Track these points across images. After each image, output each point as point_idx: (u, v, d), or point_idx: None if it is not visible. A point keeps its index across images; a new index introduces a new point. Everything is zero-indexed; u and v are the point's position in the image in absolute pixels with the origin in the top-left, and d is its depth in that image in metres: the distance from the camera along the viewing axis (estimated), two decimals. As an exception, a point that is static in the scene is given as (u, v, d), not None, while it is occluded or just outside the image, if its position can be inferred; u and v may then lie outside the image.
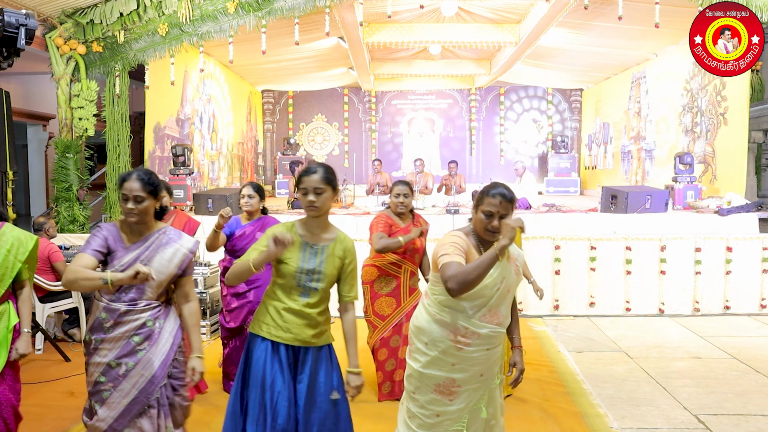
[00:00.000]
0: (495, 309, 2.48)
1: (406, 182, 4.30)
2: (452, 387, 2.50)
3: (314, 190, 2.55)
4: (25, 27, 4.26)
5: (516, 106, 15.43)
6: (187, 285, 2.76)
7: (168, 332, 2.66)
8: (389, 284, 4.28)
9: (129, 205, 2.59)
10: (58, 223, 7.45)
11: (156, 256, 2.64)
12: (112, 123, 7.79)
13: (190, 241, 2.74)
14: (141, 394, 2.57)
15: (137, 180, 2.59)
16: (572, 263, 6.81)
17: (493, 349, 2.52)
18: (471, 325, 2.46)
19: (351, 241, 2.72)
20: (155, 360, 2.60)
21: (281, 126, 15.47)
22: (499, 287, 2.46)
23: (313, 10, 7.23)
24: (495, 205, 2.43)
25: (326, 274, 2.61)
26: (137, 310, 2.60)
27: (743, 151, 8.20)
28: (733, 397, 4.39)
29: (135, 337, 2.60)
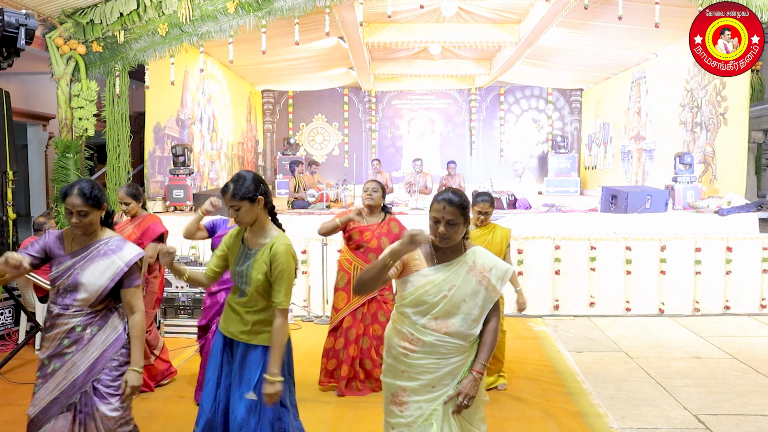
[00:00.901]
0: (443, 318, 2.42)
1: (377, 181, 4.54)
2: (403, 396, 2.47)
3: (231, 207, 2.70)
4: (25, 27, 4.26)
5: (516, 106, 15.43)
6: (128, 296, 2.76)
7: (101, 340, 2.70)
8: (342, 279, 4.51)
9: (73, 220, 2.66)
10: (58, 223, 7.44)
11: (89, 267, 2.68)
12: (112, 123, 7.79)
13: (130, 254, 2.73)
14: (62, 395, 2.65)
15: (79, 195, 2.64)
16: (572, 263, 6.81)
17: (444, 360, 2.43)
18: (415, 331, 2.45)
19: (284, 246, 2.71)
20: (80, 365, 2.66)
21: (281, 126, 15.47)
22: (446, 294, 2.41)
23: (313, 10, 7.23)
24: (440, 211, 2.40)
25: (251, 278, 2.72)
26: (68, 315, 2.68)
27: (743, 151, 8.20)
28: (733, 397, 4.39)
29: (65, 340, 2.68)
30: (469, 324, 2.44)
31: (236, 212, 2.69)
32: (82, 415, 2.65)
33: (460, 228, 2.42)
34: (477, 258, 2.48)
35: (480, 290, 2.44)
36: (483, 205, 4.34)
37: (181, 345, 5.71)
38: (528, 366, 5.09)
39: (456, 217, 2.39)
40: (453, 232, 2.40)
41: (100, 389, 2.67)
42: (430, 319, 2.43)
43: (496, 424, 3.92)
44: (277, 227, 2.83)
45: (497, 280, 2.45)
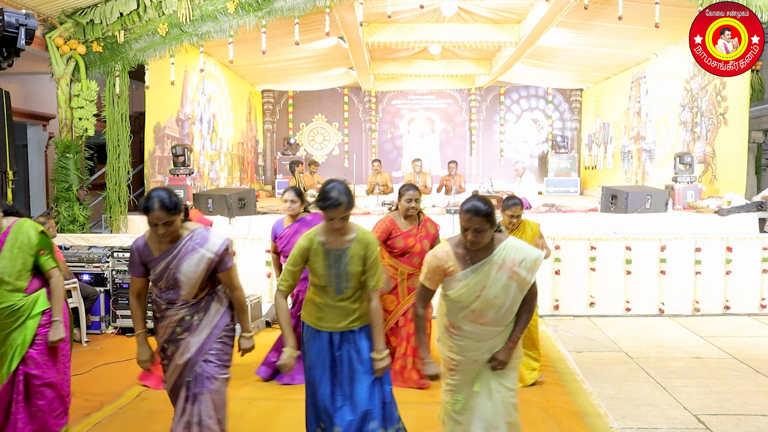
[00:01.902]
0: (479, 312, 2.70)
1: (416, 186, 4.57)
2: (452, 364, 2.81)
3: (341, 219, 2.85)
4: (25, 27, 4.26)
5: (516, 106, 15.43)
6: (225, 278, 3.00)
7: (208, 322, 2.97)
8: (388, 284, 4.51)
9: (160, 231, 2.82)
10: (58, 223, 7.44)
11: (183, 264, 2.88)
12: (112, 123, 7.78)
13: (216, 244, 2.92)
14: (180, 376, 2.96)
15: (161, 209, 2.75)
16: (572, 263, 6.81)
17: (482, 342, 2.76)
18: (456, 321, 2.77)
19: (370, 234, 3.01)
20: (192, 346, 2.94)
21: (281, 126, 15.47)
22: (479, 295, 2.67)
23: (313, 10, 7.22)
24: (467, 221, 2.63)
25: (352, 273, 2.91)
26: (175, 308, 2.95)
27: (743, 151, 8.20)
28: (733, 397, 4.39)
29: (177, 328, 2.96)
30: (502, 314, 2.73)
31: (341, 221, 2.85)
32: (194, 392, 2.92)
33: (487, 233, 2.64)
34: (507, 254, 2.68)
35: (511, 285, 2.68)
36: (515, 209, 4.46)
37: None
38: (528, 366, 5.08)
39: (482, 225, 2.61)
40: (481, 237, 2.63)
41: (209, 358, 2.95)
42: (467, 312, 2.72)
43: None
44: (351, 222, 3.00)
45: (528, 271, 2.68)
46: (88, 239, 6.98)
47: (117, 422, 4.03)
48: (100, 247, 6.53)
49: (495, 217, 2.66)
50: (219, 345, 2.98)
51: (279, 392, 4.51)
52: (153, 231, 2.84)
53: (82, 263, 6.28)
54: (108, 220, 7.83)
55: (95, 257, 6.31)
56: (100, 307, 6.20)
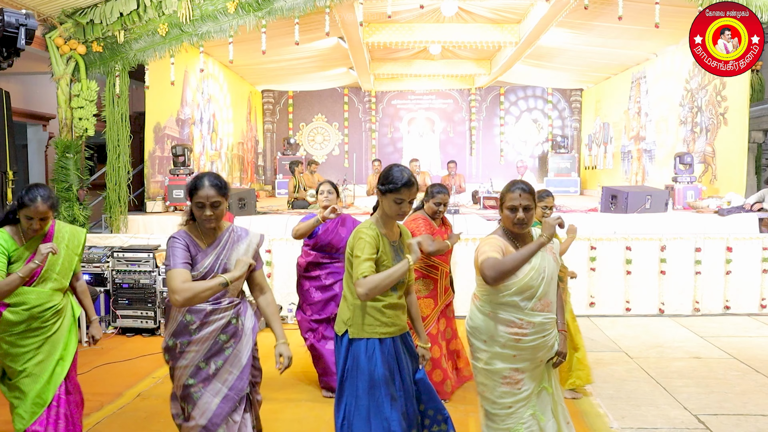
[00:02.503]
0: (544, 297, 2.70)
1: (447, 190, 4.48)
2: (516, 376, 2.71)
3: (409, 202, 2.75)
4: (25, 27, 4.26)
5: (516, 106, 15.43)
6: (260, 278, 2.84)
7: (249, 328, 2.74)
8: (428, 286, 4.39)
9: (207, 212, 2.61)
10: (58, 223, 7.44)
11: (233, 254, 2.69)
12: (112, 123, 7.78)
13: (257, 236, 2.81)
14: (231, 391, 2.62)
15: (212, 186, 2.61)
16: (572, 263, 6.78)
17: (548, 335, 2.73)
18: (526, 316, 2.68)
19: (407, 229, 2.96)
20: (242, 356, 2.66)
21: (281, 126, 15.47)
22: (544, 276, 2.69)
23: (313, 10, 7.22)
24: (516, 199, 2.68)
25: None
26: (222, 309, 2.65)
27: (743, 151, 8.20)
28: (733, 397, 4.39)
29: (222, 335, 2.64)
30: (555, 298, 2.78)
31: (409, 204, 2.75)
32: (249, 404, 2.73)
33: (533, 213, 2.72)
34: None
35: (555, 266, 2.77)
36: (549, 200, 4.51)
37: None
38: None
39: (530, 203, 2.69)
40: (529, 216, 2.70)
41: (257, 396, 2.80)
42: (536, 301, 2.69)
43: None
44: None
45: (558, 254, 2.86)
46: (88, 239, 6.97)
47: (117, 422, 4.03)
48: (100, 247, 6.53)
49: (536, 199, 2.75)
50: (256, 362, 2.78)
51: (279, 392, 4.51)
52: (198, 213, 2.62)
53: (82, 263, 6.26)
54: (108, 220, 7.83)
55: (95, 257, 6.31)
56: (100, 307, 6.20)
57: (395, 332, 2.76)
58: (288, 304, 6.57)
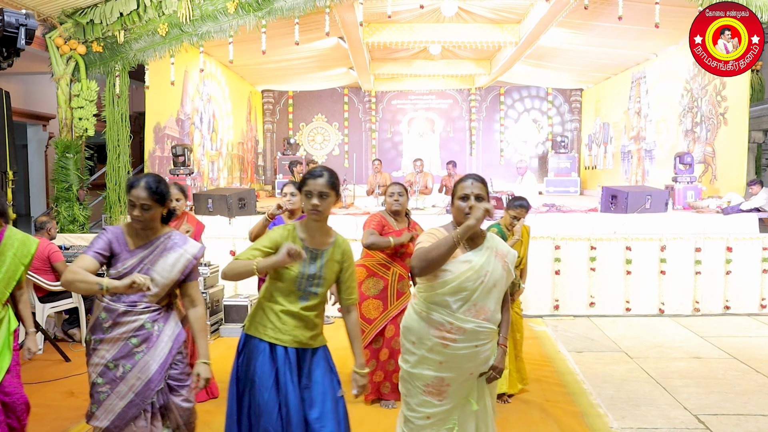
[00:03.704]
0: (481, 304, 2.47)
1: (401, 183, 4.34)
2: (441, 386, 2.50)
3: (319, 194, 2.52)
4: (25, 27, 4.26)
5: (516, 106, 15.43)
6: (192, 290, 2.73)
7: (167, 336, 2.64)
8: (377, 286, 4.25)
9: (135, 212, 2.59)
10: (58, 223, 7.44)
11: (159, 261, 2.63)
12: (112, 123, 7.79)
13: (195, 247, 2.72)
14: (137, 397, 2.55)
15: (145, 188, 2.57)
16: (572, 263, 6.81)
17: (482, 346, 2.49)
18: (456, 320, 2.45)
19: (348, 243, 2.72)
20: (152, 363, 2.58)
21: (281, 126, 15.47)
22: (483, 280, 2.45)
23: (313, 10, 7.23)
24: (468, 187, 2.50)
25: (326, 278, 2.63)
26: (136, 312, 2.58)
27: (743, 151, 8.20)
28: (733, 397, 4.39)
29: (133, 338, 2.58)
30: (497, 308, 2.54)
31: (322, 200, 2.52)
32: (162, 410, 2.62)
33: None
34: (497, 244, 2.57)
35: (503, 274, 2.53)
36: (520, 211, 4.27)
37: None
38: (528, 366, 5.08)
39: (483, 192, 2.50)
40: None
41: (171, 383, 2.64)
42: (470, 306, 2.46)
43: (496, 423, 3.92)
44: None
45: (512, 264, 2.58)
46: (88, 239, 6.98)
47: (117, 422, 4.02)
48: (100, 247, 6.52)
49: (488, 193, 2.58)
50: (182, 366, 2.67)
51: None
52: (129, 211, 2.62)
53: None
54: (108, 220, 7.83)
55: (95, 257, 6.30)
56: (100, 307, 6.19)
57: (288, 342, 2.56)
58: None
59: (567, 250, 6.81)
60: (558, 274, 6.78)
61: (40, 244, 5.66)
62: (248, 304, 6.02)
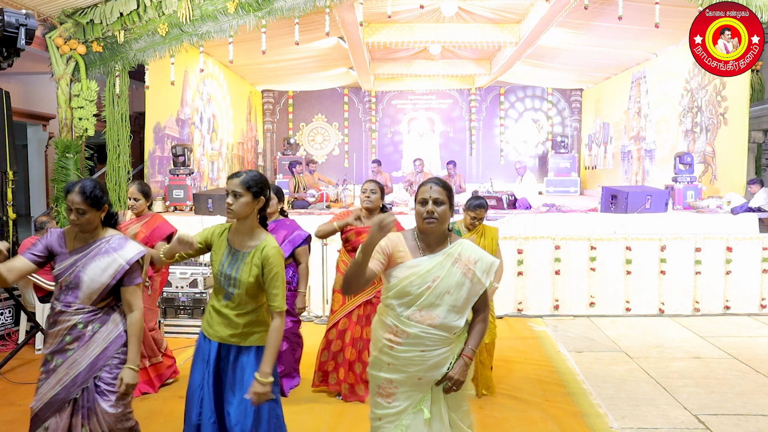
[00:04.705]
0: (428, 309, 2.42)
1: (376, 181, 4.43)
2: (389, 388, 2.49)
3: (233, 192, 2.66)
4: (25, 27, 4.26)
5: (516, 106, 15.43)
6: (128, 294, 2.77)
7: (102, 338, 2.73)
8: (339, 281, 4.47)
9: (72, 216, 2.69)
10: (58, 223, 7.44)
11: (91, 264, 2.71)
12: (112, 123, 7.79)
13: (131, 253, 2.75)
14: (62, 390, 2.68)
15: (79, 193, 2.66)
16: (572, 263, 6.81)
17: (429, 351, 2.43)
18: (400, 323, 2.44)
19: (274, 248, 2.70)
20: (82, 362, 2.69)
21: (281, 126, 15.47)
22: (430, 285, 2.41)
23: (313, 10, 7.23)
24: (427, 191, 2.45)
25: (241, 281, 2.68)
26: (69, 312, 2.71)
27: (743, 151, 8.20)
28: (733, 397, 4.39)
29: (67, 336, 2.71)
30: (453, 316, 2.44)
31: (235, 199, 2.65)
32: (85, 410, 2.68)
33: (446, 211, 2.45)
34: (463, 250, 2.48)
35: (465, 282, 2.44)
36: (479, 212, 4.31)
37: (181, 345, 5.71)
38: (528, 366, 5.09)
39: (442, 197, 2.44)
40: (440, 213, 2.44)
41: (101, 386, 2.70)
42: (414, 310, 2.43)
43: (496, 424, 3.92)
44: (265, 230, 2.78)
45: (482, 272, 2.46)
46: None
47: (117, 422, 4.02)
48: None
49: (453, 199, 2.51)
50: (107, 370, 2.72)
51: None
52: (67, 215, 2.71)
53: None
54: (108, 220, 7.82)
55: (95, 257, 6.30)
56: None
57: (212, 337, 2.74)
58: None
59: (567, 250, 6.81)
60: (558, 274, 6.78)
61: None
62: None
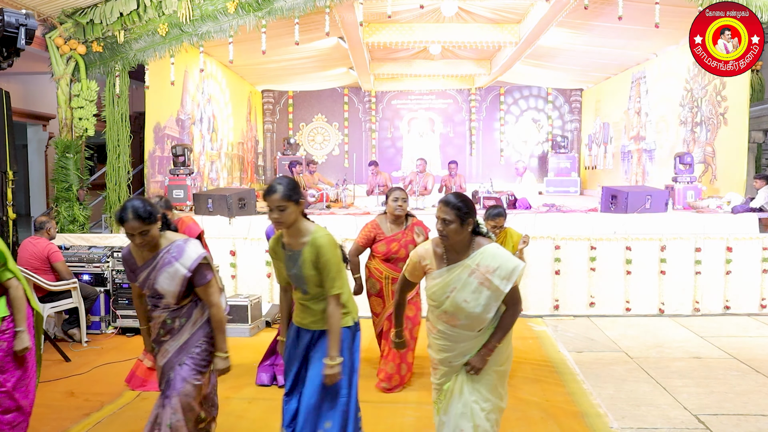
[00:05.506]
0: (451, 314, 2.75)
1: (402, 189, 4.61)
2: (434, 363, 2.91)
3: (277, 207, 2.78)
4: (25, 27, 4.26)
5: (516, 106, 15.43)
6: (202, 294, 3.04)
7: (188, 330, 3.04)
8: (375, 286, 4.61)
9: (137, 241, 2.87)
10: (58, 223, 7.44)
11: (160, 276, 2.95)
12: (112, 123, 7.79)
13: (189, 260, 2.94)
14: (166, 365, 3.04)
15: (135, 219, 2.80)
16: (572, 263, 6.81)
17: (455, 344, 2.79)
18: (433, 320, 2.85)
19: (323, 237, 2.87)
20: (170, 350, 3.03)
21: (281, 126, 15.47)
22: (449, 296, 2.72)
23: (313, 10, 7.23)
24: (438, 210, 2.72)
25: (305, 276, 2.89)
26: (159, 310, 3.04)
27: (743, 151, 8.20)
28: (733, 397, 4.39)
29: (160, 330, 3.06)
30: (473, 319, 2.73)
31: (281, 213, 2.79)
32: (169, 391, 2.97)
33: (456, 228, 2.65)
34: (482, 260, 2.68)
35: (482, 291, 2.68)
36: (498, 220, 4.55)
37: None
38: (528, 366, 5.09)
39: (449, 216, 2.64)
40: (449, 230, 2.66)
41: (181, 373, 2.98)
42: (440, 312, 2.79)
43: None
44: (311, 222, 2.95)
45: (501, 280, 2.66)
46: (88, 239, 6.99)
47: (117, 422, 4.03)
48: (100, 247, 6.53)
49: (469, 216, 2.65)
50: (197, 350, 3.03)
51: (279, 392, 4.50)
52: (132, 241, 2.90)
53: (82, 263, 6.28)
54: (108, 220, 7.83)
55: (95, 257, 6.31)
56: (100, 307, 6.20)
57: (298, 323, 3.02)
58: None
59: (567, 250, 6.81)
60: (558, 274, 6.78)
61: (40, 244, 5.70)
62: (248, 304, 6.01)
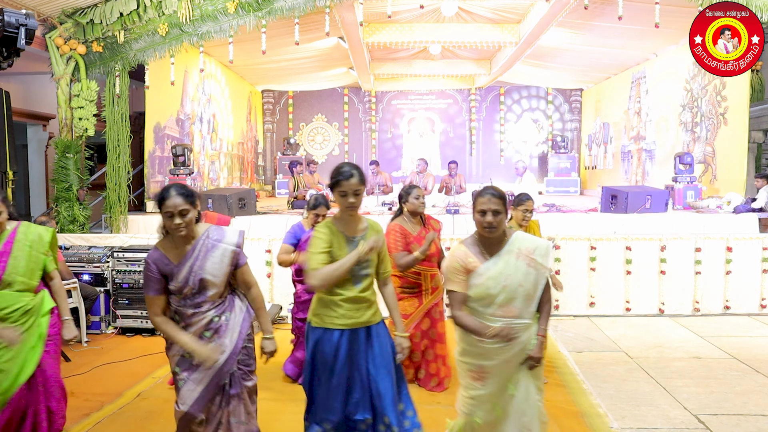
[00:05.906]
0: (507, 305, 2.75)
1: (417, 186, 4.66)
2: (482, 373, 2.82)
3: (354, 192, 2.80)
4: (25, 27, 4.27)
5: (516, 106, 15.43)
6: (245, 275, 2.93)
7: (236, 322, 2.88)
8: (412, 289, 4.53)
9: (176, 221, 2.70)
10: (58, 223, 7.45)
11: (207, 262, 2.79)
12: (112, 123, 7.79)
13: (233, 236, 2.88)
14: (213, 379, 2.80)
15: (179, 195, 2.70)
16: (572, 263, 6.81)
17: (517, 340, 2.75)
18: (485, 320, 2.75)
19: (378, 224, 2.99)
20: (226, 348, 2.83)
21: (281, 126, 15.47)
22: (505, 285, 2.73)
23: (313, 10, 7.23)
24: (485, 203, 2.76)
25: (371, 260, 2.91)
26: (203, 311, 2.82)
27: (743, 151, 8.20)
28: (733, 397, 4.39)
29: (206, 332, 2.83)
30: (528, 303, 2.78)
31: (356, 197, 2.81)
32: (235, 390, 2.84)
33: (503, 218, 2.76)
34: (521, 244, 2.80)
35: (531, 272, 2.77)
36: (528, 204, 4.51)
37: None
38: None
39: (499, 207, 2.75)
40: (498, 220, 2.75)
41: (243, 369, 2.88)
42: (495, 308, 2.76)
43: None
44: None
45: (542, 257, 2.79)
46: (88, 239, 6.99)
47: (117, 422, 4.03)
48: (100, 247, 6.54)
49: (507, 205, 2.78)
50: (244, 351, 2.90)
51: (280, 392, 4.51)
52: (168, 223, 2.71)
53: (82, 263, 6.28)
54: (108, 220, 7.83)
55: (95, 257, 6.32)
56: (100, 307, 6.20)
57: (352, 325, 2.86)
58: (288, 304, 6.58)
59: (567, 250, 6.81)
60: (558, 274, 6.77)
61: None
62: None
